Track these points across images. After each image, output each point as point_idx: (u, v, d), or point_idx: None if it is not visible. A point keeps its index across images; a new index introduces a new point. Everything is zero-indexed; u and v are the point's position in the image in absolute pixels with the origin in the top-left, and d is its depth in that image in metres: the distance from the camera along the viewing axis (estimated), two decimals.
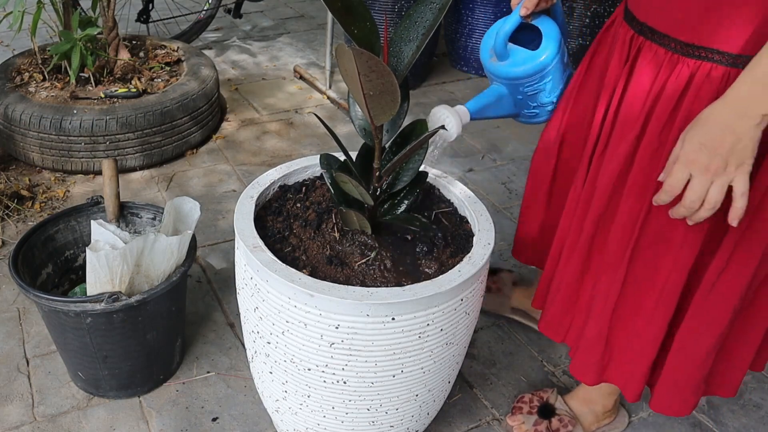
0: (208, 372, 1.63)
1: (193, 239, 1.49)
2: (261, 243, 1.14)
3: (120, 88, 2.37)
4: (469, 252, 1.18)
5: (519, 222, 1.61)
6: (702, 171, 0.96)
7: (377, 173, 1.16)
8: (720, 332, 1.18)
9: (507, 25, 1.37)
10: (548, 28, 1.38)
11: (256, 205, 1.25)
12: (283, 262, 1.11)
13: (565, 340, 1.41)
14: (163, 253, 1.40)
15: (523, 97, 1.43)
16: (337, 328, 1.07)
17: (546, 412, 1.53)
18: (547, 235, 1.52)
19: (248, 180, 2.35)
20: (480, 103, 1.43)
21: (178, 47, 2.74)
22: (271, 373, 1.23)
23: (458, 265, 1.14)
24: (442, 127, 1.35)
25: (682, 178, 0.99)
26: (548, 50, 1.36)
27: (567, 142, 1.43)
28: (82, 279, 1.61)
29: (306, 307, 1.07)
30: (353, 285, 1.11)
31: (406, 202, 1.24)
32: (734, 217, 0.99)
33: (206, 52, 3.31)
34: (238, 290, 1.27)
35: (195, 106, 2.43)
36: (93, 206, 1.63)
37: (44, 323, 1.54)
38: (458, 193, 1.33)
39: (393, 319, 1.07)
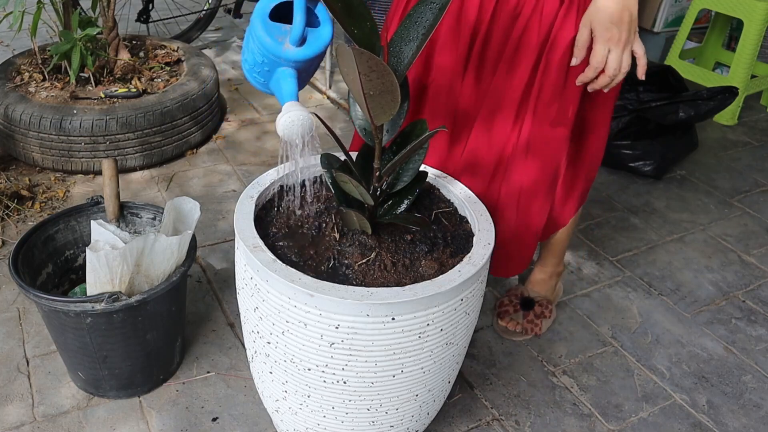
0: (208, 372, 1.63)
1: (193, 239, 1.49)
2: (261, 243, 1.14)
3: (120, 88, 2.37)
4: (469, 252, 1.18)
5: None
6: (616, 43, 1.19)
7: (377, 173, 1.16)
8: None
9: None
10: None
11: (256, 205, 1.25)
12: (283, 262, 1.11)
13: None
14: (163, 253, 1.40)
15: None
16: (337, 328, 1.07)
17: (527, 303, 1.82)
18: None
19: (248, 180, 2.35)
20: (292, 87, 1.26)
21: (178, 47, 2.74)
22: (271, 373, 1.23)
23: (458, 265, 1.14)
24: (443, 126, 1.35)
25: (604, 53, 1.20)
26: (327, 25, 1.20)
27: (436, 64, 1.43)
28: (82, 279, 1.61)
29: (306, 307, 1.07)
30: (353, 285, 1.11)
31: (406, 202, 1.24)
32: (641, 73, 1.24)
33: (206, 52, 3.31)
34: (238, 290, 1.27)
35: (195, 106, 2.43)
36: (93, 206, 1.63)
37: (44, 323, 1.54)
38: (458, 193, 1.33)
39: (393, 319, 1.07)
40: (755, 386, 1.71)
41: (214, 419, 1.52)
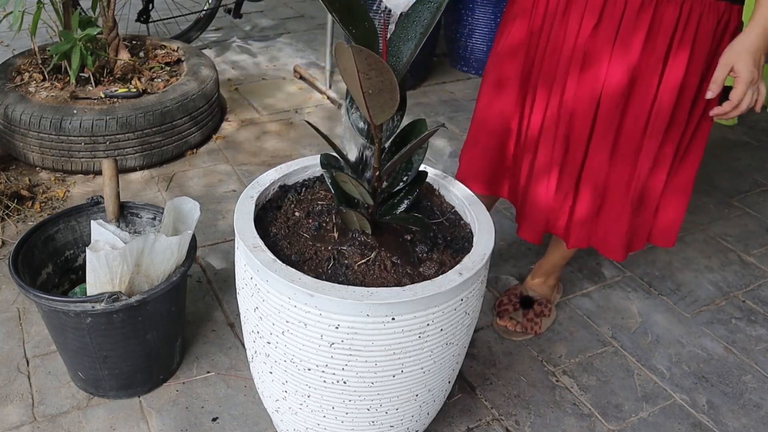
0: (208, 372, 1.63)
1: (193, 239, 1.49)
2: (261, 243, 1.14)
3: (120, 88, 2.37)
4: (469, 252, 1.18)
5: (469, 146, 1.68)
6: (752, 85, 1.34)
7: (377, 173, 1.16)
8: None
9: None
10: None
11: (256, 205, 1.25)
12: (283, 262, 1.11)
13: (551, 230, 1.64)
14: (163, 253, 1.39)
15: None
16: (337, 328, 1.07)
17: (527, 302, 1.84)
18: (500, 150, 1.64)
19: (248, 180, 2.35)
20: None
21: (178, 47, 2.74)
22: (271, 373, 1.23)
23: (458, 266, 1.14)
24: (443, 125, 1.35)
25: (744, 91, 1.33)
26: None
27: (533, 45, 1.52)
28: (82, 279, 1.61)
29: (306, 307, 1.07)
30: (353, 285, 1.10)
31: (406, 202, 1.24)
32: (759, 106, 1.38)
33: (206, 52, 3.31)
34: (238, 290, 1.27)
35: (195, 106, 2.43)
36: (93, 206, 1.63)
37: (44, 323, 1.54)
38: (458, 193, 1.33)
39: (393, 319, 1.07)
40: (755, 386, 1.71)
41: (214, 419, 1.52)
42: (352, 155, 1.23)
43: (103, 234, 1.46)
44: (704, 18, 1.37)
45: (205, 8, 3.25)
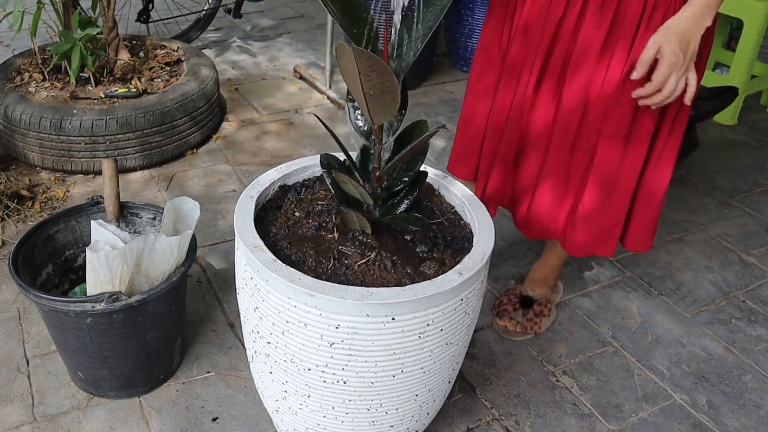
0: (208, 372, 1.63)
1: (193, 239, 1.49)
2: (261, 243, 1.14)
3: (120, 88, 2.37)
4: (469, 252, 1.18)
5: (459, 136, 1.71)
6: (677, 69, 1.30)
7: (377, 173, 1.16)
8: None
9: None
10: None
11: (256, 205, 1.25)
12: (283, 262, 1.11)
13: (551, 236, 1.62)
14: (163, 253, 1.39)
15: None
16: (337, 328, 1.07)
17: (526, 302, 1.84)
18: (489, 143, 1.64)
19: (248, 180, 2.35)
20: None
21: (178, 47, 2.74)
22: (271, 373, 1.23)
23: (458, 265, 1.14)
24: (444, 126, 1.35)
25: (667, 74, 1.30)
26: None
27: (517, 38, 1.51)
28: (82, 279, 1.61)
29: (306, 307, 1.07)
30: (353, 285, 1.10)
31: (406, 202, 1.24)
32: (689, 99, 1.35)
33: (206, 52, 3.31)
34: (238, 290, 1.27)
35: (195, 106, 2.43)
36: (93, 206, 1.63)
37: (44, 323, 1.54)
38: (458, 193, 1.33)
39: (393, 319, 1.07)
40: (755, 386, 1.71)
41: (214, 419, 1.52)
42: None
43: (103, 234, 1.46)
44: (670, 12, 1.34)
45: (205, 8, 3.25)
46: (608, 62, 1.41)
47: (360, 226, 1.20)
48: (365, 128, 1.19)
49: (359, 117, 1.20)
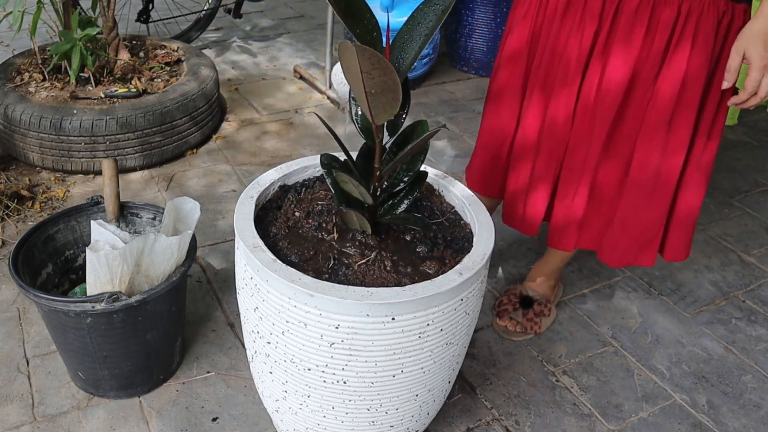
0: (208, 372, 1.63)
1: (193, 239, 1.49)
2: (261, 243, 1.14)
3: (120, 88, 2.37)
4: (469, 252, 1.18)
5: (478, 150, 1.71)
6: (766, 71, 1.32)
7: (378, 173, 1.16)
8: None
9: None
10: None
11: (256, 205, 1.25)
12: (283, 262, 1.11)
13: (580, 245, 1.64)
14: (163, 253, 1.39)
15: None
16: (337, 328, 1.07)
17: (526, 302, 1.84)
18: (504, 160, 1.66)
19: (248, 180, 2.35)
20: None
21: (178, 47, 2.73)
22: (271, 373, 1.23)
23: (458, 265, 1.14)
24: (444, 125, 1.35)
25: (759, 78, 1.33)
26: None
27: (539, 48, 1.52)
28: (82, 279, 1.61)
29: (306, 307, 1.07)
30: (353, 285, 1.10)
31: (406, 202, 1.24)
32: None
33: (206, 52, 3.31)
34: (238, 290, 1.27)
35: (195, 106, 2.43)
36: (93, 206, 1.63)
37: (44, 323, 1.54)
38: (458, 193, 1.33)
39: (393, 319, 1.07)
40: (755, 386, 1.71)
41: (214, 419, 1.52)
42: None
43: (103, 234, 1.46)
44: (704, 16, 1.37)
45: (205, 8, 3.25)
46: (629, 71, 1.42)
47: (360, 225, 1.20)
48: (365, 127, 1.19)
49: (359, 115, 1.20)
